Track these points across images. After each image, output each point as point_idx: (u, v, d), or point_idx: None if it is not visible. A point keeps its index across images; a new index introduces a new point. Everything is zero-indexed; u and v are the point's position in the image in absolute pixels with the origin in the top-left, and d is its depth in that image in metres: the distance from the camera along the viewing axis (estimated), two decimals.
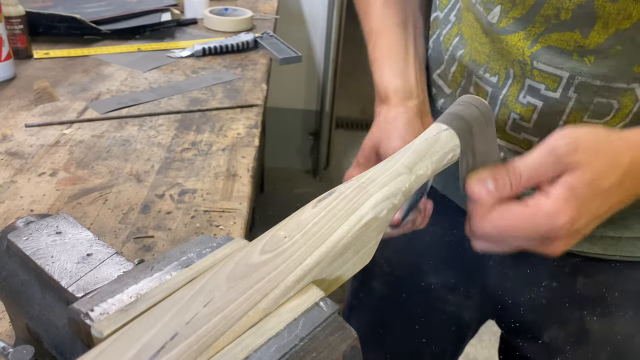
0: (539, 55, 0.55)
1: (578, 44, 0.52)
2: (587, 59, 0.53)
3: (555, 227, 0.40)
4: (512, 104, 0.59)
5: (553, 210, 0.40)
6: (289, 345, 0.29)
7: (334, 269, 0.36)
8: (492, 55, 0.59)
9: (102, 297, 0.30)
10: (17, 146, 0.79)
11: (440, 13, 0.69)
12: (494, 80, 0.60)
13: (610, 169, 0.41)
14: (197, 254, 0.35)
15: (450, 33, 0.67)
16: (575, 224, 0.40)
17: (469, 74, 0.64)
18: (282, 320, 0.31)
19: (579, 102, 0.55)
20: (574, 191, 0.40)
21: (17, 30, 1.05)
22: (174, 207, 0.68)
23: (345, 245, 0.36)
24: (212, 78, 1.07)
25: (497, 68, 0.60)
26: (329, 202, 0.39)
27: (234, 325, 0.29)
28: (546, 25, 0.54)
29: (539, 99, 0.57)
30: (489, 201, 0.42)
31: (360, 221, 0.37)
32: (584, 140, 0.42)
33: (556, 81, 0.55)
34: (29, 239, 0.37)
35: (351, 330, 0.31)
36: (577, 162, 0.41)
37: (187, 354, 0.27)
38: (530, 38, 0.55)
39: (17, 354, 0.33)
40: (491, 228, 0.42)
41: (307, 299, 0.32)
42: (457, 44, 0.65)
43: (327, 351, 0.30)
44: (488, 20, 0.58)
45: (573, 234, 0.41)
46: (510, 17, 0.56)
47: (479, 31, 0.60)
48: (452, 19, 0.67)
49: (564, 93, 0.55)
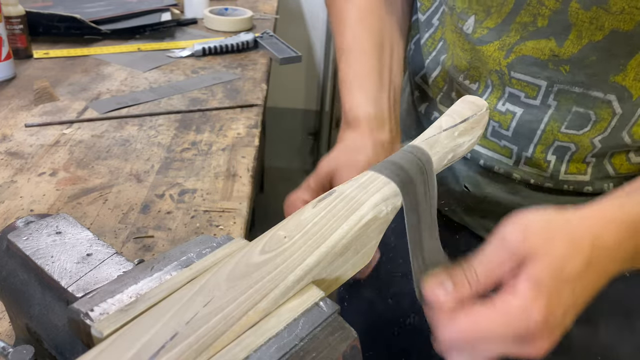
0: (515, 65, 0.54)
1: (553, 52, 0.52)
2: (563, 68, 0.52)
3: (530, 326, 0.36)
4: (491, 112, 0.58)
5: (522, 306, 0.36)
6: (289, 345, 0.29)
7: (334, 269, 0.36)
8: (472, 62, 0.58)
9: (102, 297, 0.30)
10: (17, 146, 0.79)
11: (422, 16, 0.67)
12: (474, 87, 0.60)
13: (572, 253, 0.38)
14: (197, 254, 0.35)
15: (434, 37, 0.65)
16: (550, 319, 0.37)
17: (451, 80, 0.63)
18: (282, 320, 0.31)
19: (557, 110, 0.55)
20: (540, 284, 0.36)
21: (17, 30, 1.05)
22: (174, 207, 0.68)
23: (345, 245, 0.36)
24: (212, 78, 1.07)
25: (476, 76, 0.59)
26: (329, 202, 0.39)
27: (234, 325, 0.29)
28: (521, 34, 0.53)
29: (519, 107, 0.56)
30: (449, 304, 0.38)
31: (360, 221, 0.37)
32: (533, 226, 0.38)
33: (535, 89, 0.55)
34: (29, 239, 0.37)
35: (351, 330, 0.31)
36: (532, 251, 0.37)
37: (187, 353, 0.27)
38: (505, 48, 0.55)
39: (17, 353, 0.33)
40: (458, 334, 0.37)
41: (307, 299, 0.32)
42: (441, 49, 0.64)
43: (327, 351, 0.30)
44: (463, 31, 0.58)
45: (552, 330, 0.38)
46: (484, 27, 0.55)
47: (462, 37, 0.59)
48: (435, 22, 0.65)
49: (544, 100, 0.55)
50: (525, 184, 0.60)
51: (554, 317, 0.37)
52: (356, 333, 0.31)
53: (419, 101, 0.70)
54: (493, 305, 0.37)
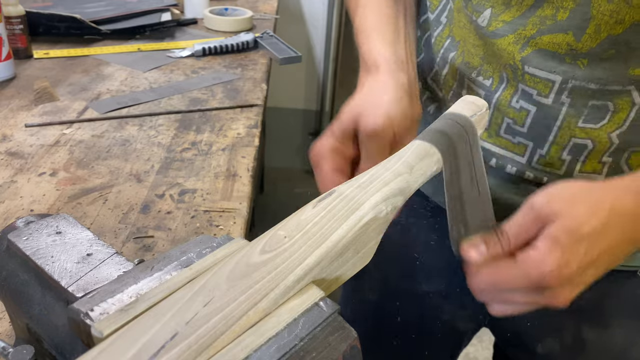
0: (530, 59, 0.54)
1: (570, 46, 0.52)
2: (580, 62, 0.52)
3: (544, 274, 0.40)
4: (505, 108, 0.58)
5: (538, 258, 0.41)
6: (288, 345, 0.29)
7: (334, 268, 0.36)
8: (486, 57, 0.58)
9: (102, 297, 0.30)
10: (17, 146, 0.79)
11: (431, 15, 0.68)
12: (487, 83, 0.59)
13: (591, 215, 0.42)
14: (197, 254, 0.35)
15: (442, 35, 0.65)
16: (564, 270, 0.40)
17: (462, 77, 0.62)
18: (282, 320, 0.31)
19: (572, 106, 0.54)
20: (556, 239, 0.41)
21: (17, 30, 1.05)
22: (174, 207, 0.68)
23: (345, 245, 0.36)
24: (212, 78, 1.07)
25: (491, 71, 0.59)
26: (329, 202, 0.39)
27: (234, 325, 0.29)
28: (539, 27, 0.53)
29: (531, 104, 0.56)
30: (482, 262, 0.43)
31: (360, 221, 0.37)
32: (559, 191, 0.43)
33: (548, 86, 0.55)
34: (29, 239, 0.37)
35: (351, 330, 0.31)
36: (554, 213, 0.41)
37: (187, 353, 0.27)
38: (520, 42, 0.54)
39: (17, 353, 0.33)
40: (483, 283, 0.43)
41: (307, 298, 0.32)
42: (449, 46, 0.64)
43: (327, 351, 0.30)
44: (478, 24, 0.57)
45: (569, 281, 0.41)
46: (500, 20, 0.55)
47: (472, 33, 0.59)
48: (444, 20, 0.65)
49: (557, 98, 0.54)
50: (537, 184, 0.60)
51: (568, 268, 0.41)
52: (356, 333, 0.31)
53: (429, 101, 0.70)
54: (513, 259, 0.42)
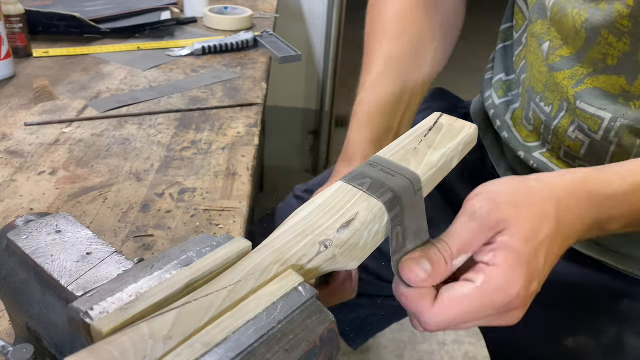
0: (583, 95, 0.55)
1: (624, 89, 0.52)
2: (633, 104, 0.53)
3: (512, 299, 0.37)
4: (562, 136, 0.59)
5: (504, 281, 0.36)
6: (267, 327, 0.30)
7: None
8: (548, 85, 0.59)
9: (102, 296, 0.30)
10: (16, 145, 0.79)
11: (515, 34, 0.69)
12: (548, 110, 0.60)
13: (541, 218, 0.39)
14: (197, 253, 0.35)
15: (520, 55, 0.67)
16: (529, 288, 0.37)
17: (529, 99, 0.64)
18: (261, 303, 0.31)
19: (619, 146, 0.55)
20: (516, 253, 0.37)
21: (16, 28, 1.05)
22: (173, 206, 0.68)
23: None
24: (212, 77, 1.07)
25: (551, 99, 0.60)
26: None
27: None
28: (594, 67, 0.54)
29: (585, 136, 0.57)
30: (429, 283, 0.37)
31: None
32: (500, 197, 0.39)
33: (597, 123, 0.55)
34: (29, 238, 0.37)
35: (329, 314, 0.32)
36: (503, 221, 0.38)
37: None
38: (576, 77, 0.55)
39: (16, 352, 0.33)
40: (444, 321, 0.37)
41: (286, 284, 0.33)
42: (523, 67, 0.65)
43: (304, 333, 0.30)
44: (543, 52, 0.59)
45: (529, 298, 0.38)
46: (557, 55, 0.57)
47: (540, 60, 0.60)
48: (523, 41, 0.67)
49: (605, 136, 0.55)
50: None
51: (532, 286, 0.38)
52: (334, 317, 0.31)
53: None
54: (474, 284, 0.37)
